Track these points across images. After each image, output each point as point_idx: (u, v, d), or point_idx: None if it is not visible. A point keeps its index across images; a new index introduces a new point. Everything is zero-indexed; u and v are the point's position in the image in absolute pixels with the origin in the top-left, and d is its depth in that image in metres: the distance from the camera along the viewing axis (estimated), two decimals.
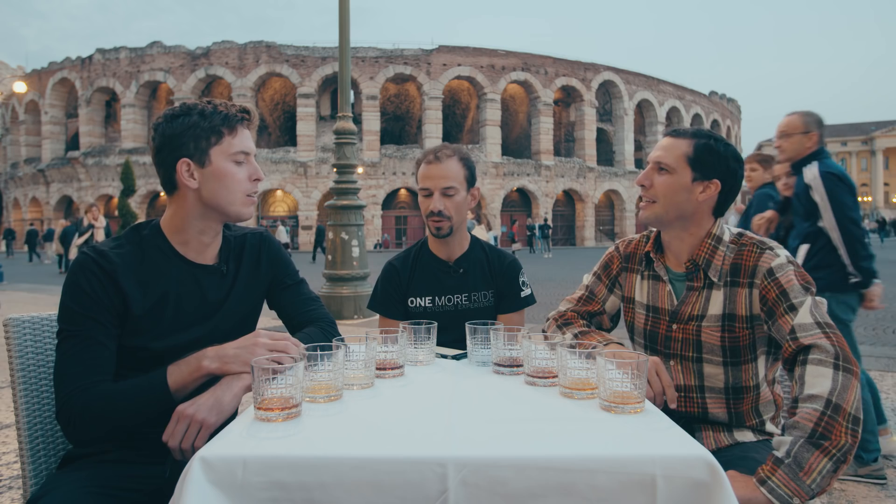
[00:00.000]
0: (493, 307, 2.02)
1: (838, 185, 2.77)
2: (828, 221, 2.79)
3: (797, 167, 2.96)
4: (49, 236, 27.40)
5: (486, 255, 2.05)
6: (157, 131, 1.32)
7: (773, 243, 1.43)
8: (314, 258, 22.62)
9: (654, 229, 1.60)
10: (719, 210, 1.49)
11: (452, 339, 1.71)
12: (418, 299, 1.99)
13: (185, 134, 1.29)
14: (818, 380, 1.19)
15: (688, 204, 1.45)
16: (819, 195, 2.80)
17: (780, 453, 1.15)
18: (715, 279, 1.44)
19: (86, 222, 13.08)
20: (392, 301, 2.01)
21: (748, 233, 1.48)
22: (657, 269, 1.56)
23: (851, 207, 2.75)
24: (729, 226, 1.52)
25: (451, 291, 1.98)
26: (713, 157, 1.44)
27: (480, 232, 13.10)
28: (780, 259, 1.38)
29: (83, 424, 1.17)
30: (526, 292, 2.04)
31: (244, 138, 1.35)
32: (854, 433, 1.15)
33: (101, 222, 13.26)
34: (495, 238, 14.19)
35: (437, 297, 1.98)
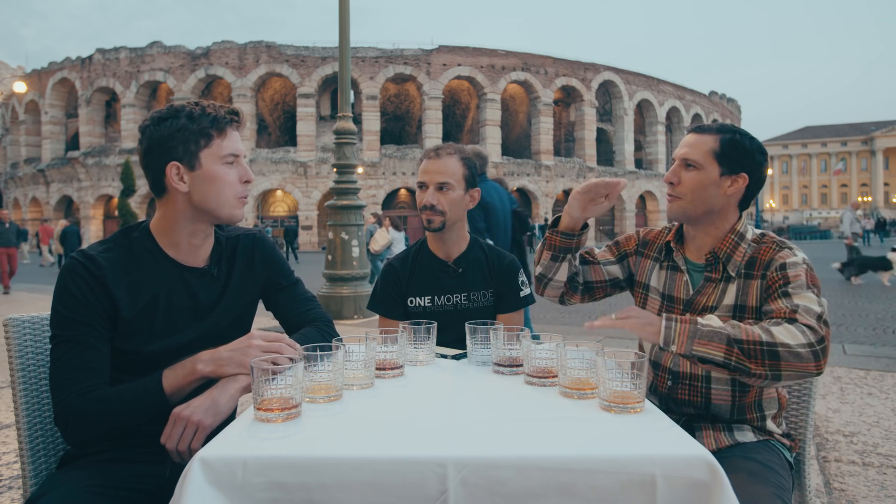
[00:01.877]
0: (493, 307, 2.02)
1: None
2: None
3: None
4: (24, 237, 27.34)
5: (485, 255, 2.05)
6: (145, 134, 1.29)
7: (794, 245, 1.45)
8: (290, 258, 22.55)
9: (677, 223, 1.61)
10: (745, 203, 1.51)
11: (452, 338, 1.71)
12: (417, 299, 1.99)
13: (173, 137, 1.26)
14: (787, 334, 1.23)
15: (716, 199, 1.47)
16: None
17: (702, 322, 1.24)
18: (732, 273, 1.47)
19: None
20: (392, 301, 2.01)
21: (770, 233, 1.51)
22: (676, 259, 1.58)
23: (478, 220, 3.96)
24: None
25: (451, 291, 1.98)
26: (739, 151, 1.46)
27: (383, 235, 11.55)
28: (796, 258, 1.40)
29: (81, 428, 1.17)
30: (525, 292, 2.04)
31: (233, 140, 1.33)
32: (762, 378, 1.22)
33: None
34: (406, 238, 12.62)
35: (436, 297, 1.98)
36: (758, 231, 1.52)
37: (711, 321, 1.27)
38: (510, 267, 2.04)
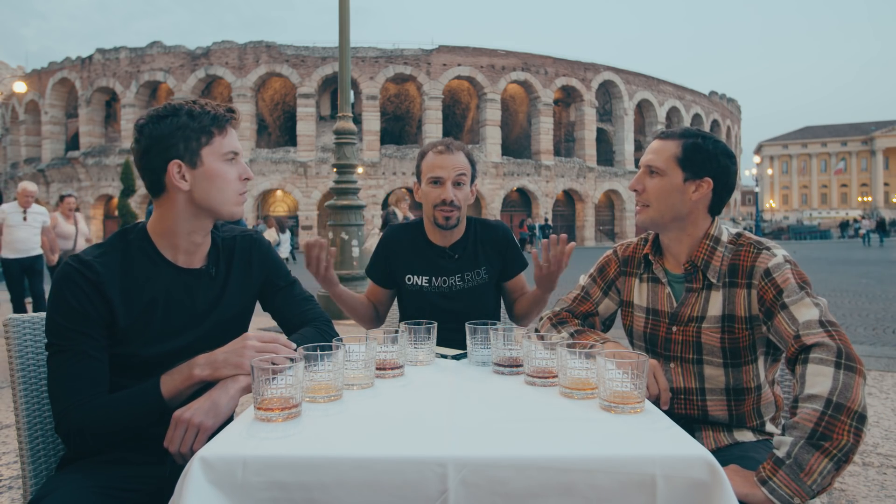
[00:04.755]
0: (488, 283, 2.07)
1: None
2: None
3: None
4: None
5: (476, 233, 2.09)
6: (143, 133, 1.27)
7: (771, 243, 1.42)
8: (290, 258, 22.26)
9: (653, 232, 1.60)
10: (715, 209, 1.49)
11: (447, 319, 1.76)
12: (415, 277, 2.05)
13: (174, 135, 1.25)
14: (818, 379, 1.18)
15: (682, 205, 1.46)
16: None
17: (780, 453, 1.15)
18: (714, 280, 1.44)
19: (400, 216, 8.88)
20: (380, 269, 2.12)
21: (746, 233, 1.48)
22: (656, 271, 1.56)
23: None
24: (727, 226, 1.53)
25: (447, 273, 2.04)
26: (702, 155, 1.44)
27: (271, 235, 13.73)
28: (777, 259, 1.38)
29: (82, 438, 1.17)
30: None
31: (233, 138, 1.34)
32: (858, 431, 1.13)
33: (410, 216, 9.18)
34: (292, 239, 15.84)
35: (433, 278, 2.05)
36: (733, 231, 1.50)
37: (781, 443, 1.17)
38: (505, 234, 2.10)
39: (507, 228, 2.12)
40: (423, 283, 2.03)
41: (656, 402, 1.35)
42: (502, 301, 2.17)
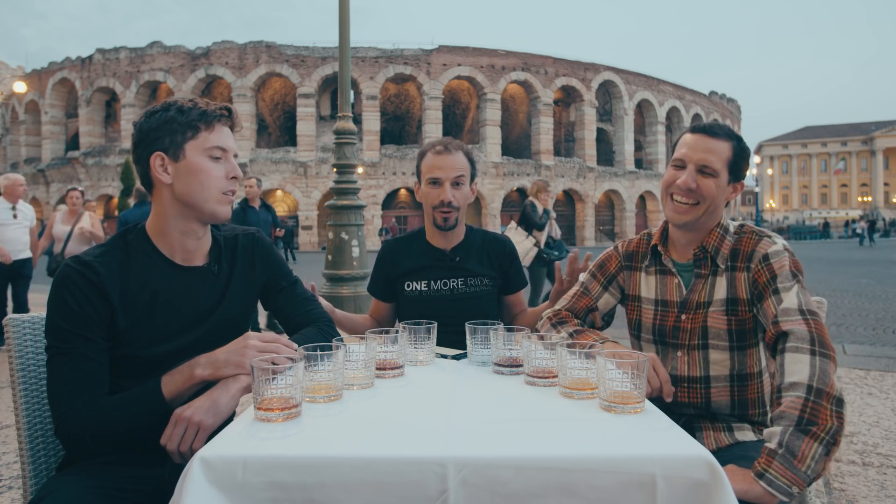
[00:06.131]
0: (491, 292, 2.05)
1: None
2: None
3: None
4: None
5: (482, 241, 2.09)
6: (136, 128, 1.31)
7: (772, 233, 1.47)
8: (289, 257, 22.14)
9: (659, 225, 1.63)
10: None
11: (447, 323, 1.71)
12: (414, 283, 2.02)
13: (161, 128, 1.27)
14: (797, 367, 1.22)
15: (722, 204, 1.50)
16: None
17: (772, 444, 1.17)
18: (722, 265, 1.48)
19: (540, 208, 7.03)
20: (380, 284, 2.10)
21: (749, 223, 1.53)
22: (665, 262, 1.58)
23: None
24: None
25: (447, 276, 2.01)
26: (744, 160, 1.49)
27: None
28: (777, 246, 1.42)
29: (82, 441, 1.17)
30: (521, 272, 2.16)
31: (222, 134, 1.32)
32: (839, 415, 1.17)
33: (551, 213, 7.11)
34: (293, 245, 14.97)
35: (432, 282, 2.01)
36: (736, 223, 1.54)
37: (771, 434, 1.18)
38: (512, 250, 2.10)
39: (513, 245, 2.13)
40: (423, 287, 2.01)
41: (658, 396, 1.36)
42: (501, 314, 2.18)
